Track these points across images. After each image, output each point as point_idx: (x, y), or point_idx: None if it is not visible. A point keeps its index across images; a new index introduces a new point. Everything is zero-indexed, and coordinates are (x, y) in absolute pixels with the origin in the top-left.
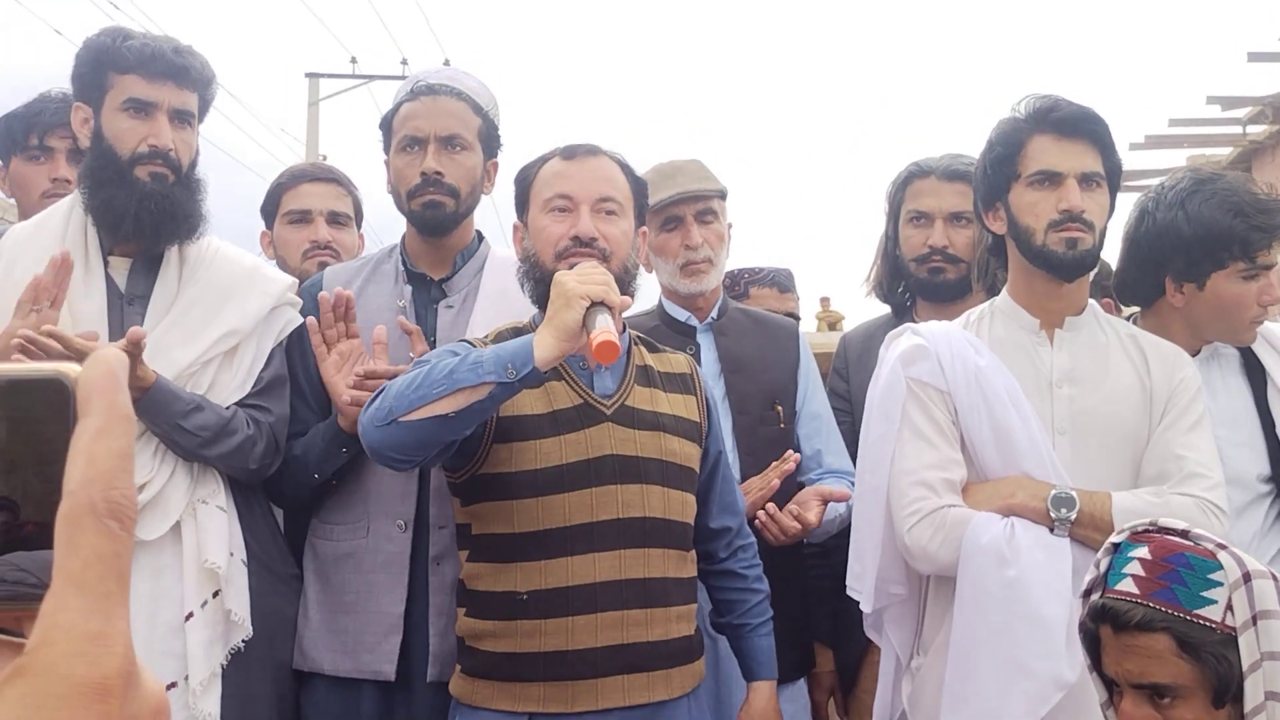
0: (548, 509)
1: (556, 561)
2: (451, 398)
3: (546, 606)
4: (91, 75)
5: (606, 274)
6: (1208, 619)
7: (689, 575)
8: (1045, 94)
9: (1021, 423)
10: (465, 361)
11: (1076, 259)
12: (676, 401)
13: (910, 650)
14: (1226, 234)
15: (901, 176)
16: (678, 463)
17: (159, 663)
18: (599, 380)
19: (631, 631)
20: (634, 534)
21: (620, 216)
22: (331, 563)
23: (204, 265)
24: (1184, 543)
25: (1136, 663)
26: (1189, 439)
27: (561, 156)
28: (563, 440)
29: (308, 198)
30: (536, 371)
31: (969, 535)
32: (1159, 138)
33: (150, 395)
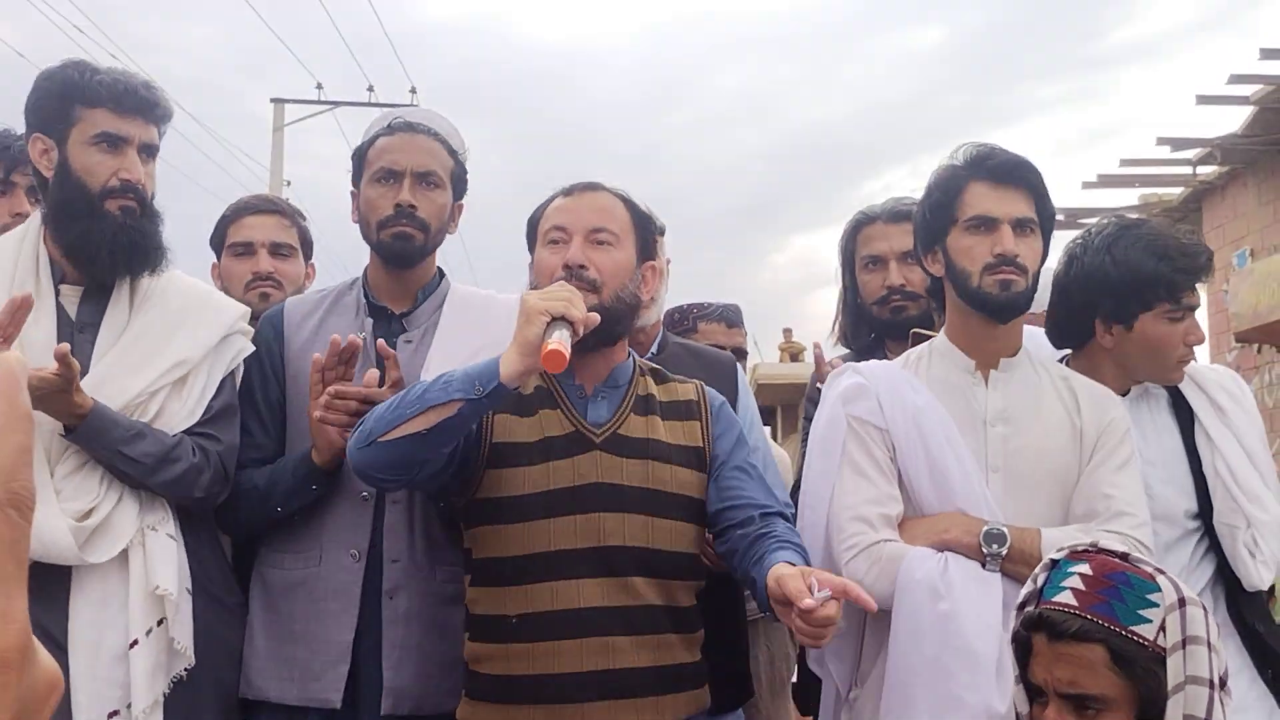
0: (534, 534)
1: (542, 586)
2: (423, 416)
3: (534, 630)
4: (57, 107)
5: (572, 293)
6: (1142, 636)
7: (683, 605)
8: (982, 143)
9: (956, 460)
10: (438, 381)
11: (1010, 300)
12: (676, 429)
13: (849, 682)
14: (1152, 276)
15: (850, 227)
16: (669, 490)
17: (102, 690)
18: (593, 409)
19: (618, 657)
20: (616, 562)
21: (615, 247)
22: (281, 591)
23: (155, 294)
24: (1124, 563)
25: (1068, 671)
26: (1116, 478)
27: (562, 194)
28: (550, 467)
29: (251, 229)
30: (502, 388)
31: (904, 569)
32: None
33: (88, 422)
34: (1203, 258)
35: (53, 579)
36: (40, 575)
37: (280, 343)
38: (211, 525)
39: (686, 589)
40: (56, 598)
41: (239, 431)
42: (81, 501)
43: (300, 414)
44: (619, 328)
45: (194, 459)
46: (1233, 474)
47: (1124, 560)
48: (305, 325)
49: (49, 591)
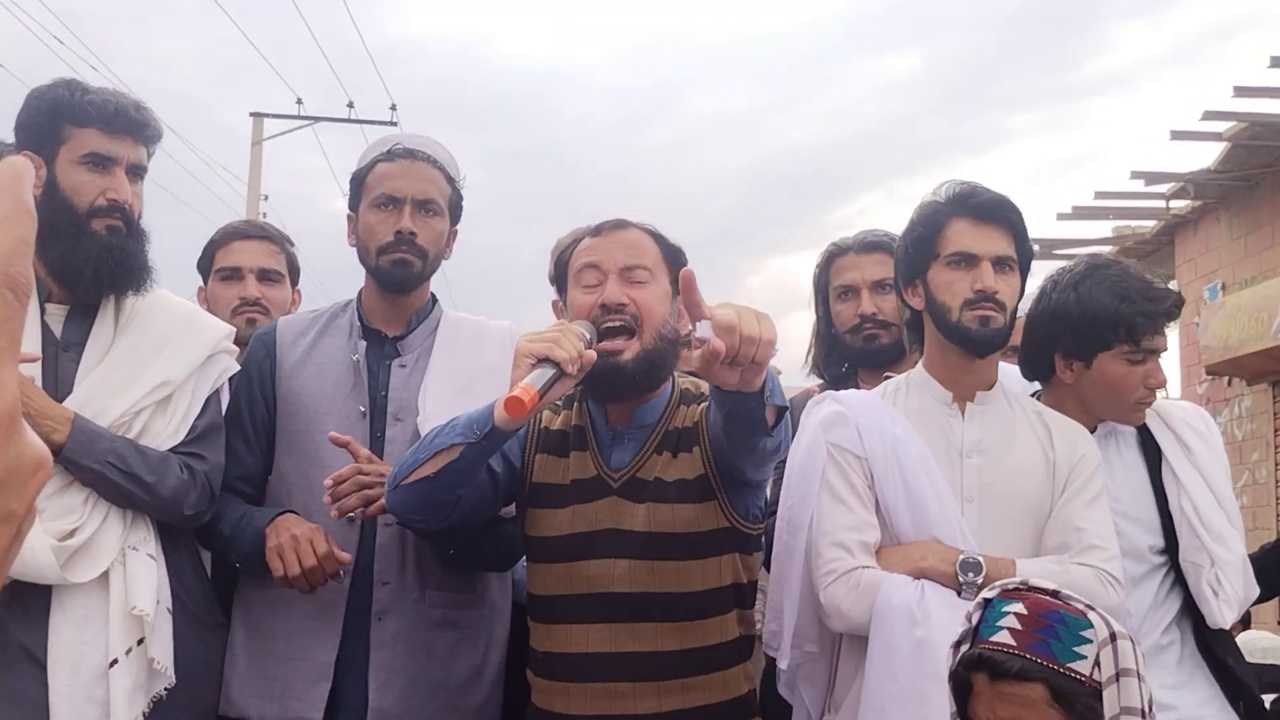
0: (555, 576)
1: (559, 627)
2: (432, 461)
3: (552, 668)
4: (46, 125)
5: (561, 331)
6: (1078, 672)
7: (702, 645)
8: (964, 180)
9: (933, 490)
10: (447, 426)
11: (988, 336)
12: (682, 461)
13: (821, 708)
14: (1113, 317)
15: (823, 258)
16: (675, 531)
17: (81, 709)
18: (618, 451)
19: (619, 703)
20: (622, 608)
21: (651, 284)
22: (262, 609)
23: (140, 313)
24: (1057, 602)
25: (1010, 710)
26: (1088, 512)
27: (590, 234)
28: (574, 511)
29: (239, 255)
30: (498, 430)
31: (881, 596)
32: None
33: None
34: (1167, 303)
35: (33, 597)
36: (21, 593)
37: (271, 362)
38: (193, 544)
39: (713, 626)
40: (37, 616)
41: (224, 451)
42: (65, 521)
43: (289, 434)
44: (663, 371)
45: (182, 476)
46: (1198, 513)
47: (1055, 598)
48: (298, 345)
49: (29, 609)
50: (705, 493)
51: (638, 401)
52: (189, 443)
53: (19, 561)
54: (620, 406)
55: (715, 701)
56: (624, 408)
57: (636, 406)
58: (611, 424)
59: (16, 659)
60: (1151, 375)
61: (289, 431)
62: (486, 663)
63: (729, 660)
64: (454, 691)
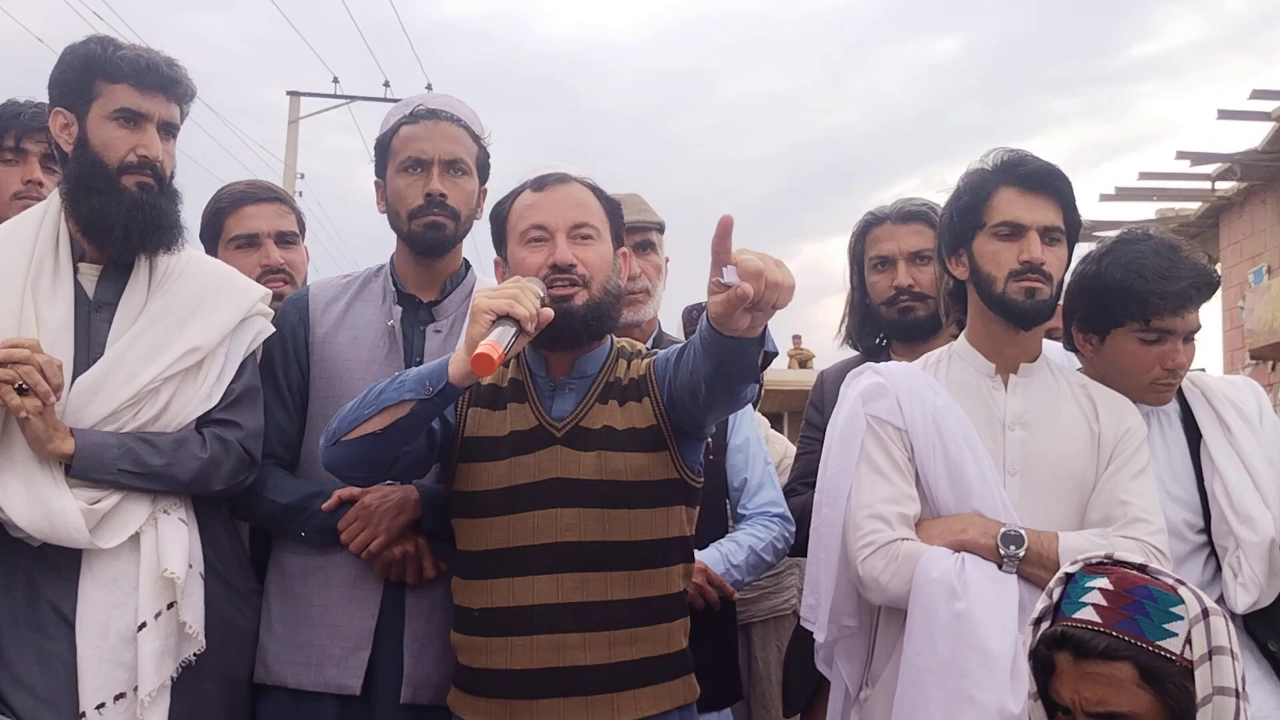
0: (494, 530)
1: (500, 582)
2: (379, 416)
3: (492, 625)
4: (78, 81)
5: (519, 288)
6: (1169, 651)
7: (649, 595)
8: (1012, 148)
9: (974, 462)
10: (394, 381)
11: (1034, 308)
12: (632, 411)
13: (859, 682)
14: (1124, 293)
15: (859, 228)
16: (624, 479)
17: (109, 671)
18: (559, 401)
19: (567, 655)
20: (570, 558)
21: (596, 240)
22: (298, 576)
23: (174, 275)
24: (1145, 576)
25: (1096, 691)
26: (1133, 485)
27: (532, 188)
28: (514, 463)
29: (252, 220)
30: (451, 387)
31: (920, 568)
32: (1129, 190)
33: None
34: (1184, 283)
35: (65, 559)
36: (52, 555)
37: (305, 327)
38: (225, 509)
39: (660, 577)
40: (68, 577)
41: (262, 414)
42: (93, 490)
43: (323, 399)
44: (608, 321)
45: (205, 454)
46: (1228, 494)
47: (1143, 573)
48: (331, 310)
49: (61, 571)
50: (657, 442)
51: (579, 351)
52: (224, 409)
53: (49, 525)
54: (561, 357)
55: (660, 654)
56: (565, 358)
57: (578, 357)
58: (551, 374)
59: (48, 620)
60: (1168, 356)
61: (323, 397)
62: None
63: (673, 613)
64: None
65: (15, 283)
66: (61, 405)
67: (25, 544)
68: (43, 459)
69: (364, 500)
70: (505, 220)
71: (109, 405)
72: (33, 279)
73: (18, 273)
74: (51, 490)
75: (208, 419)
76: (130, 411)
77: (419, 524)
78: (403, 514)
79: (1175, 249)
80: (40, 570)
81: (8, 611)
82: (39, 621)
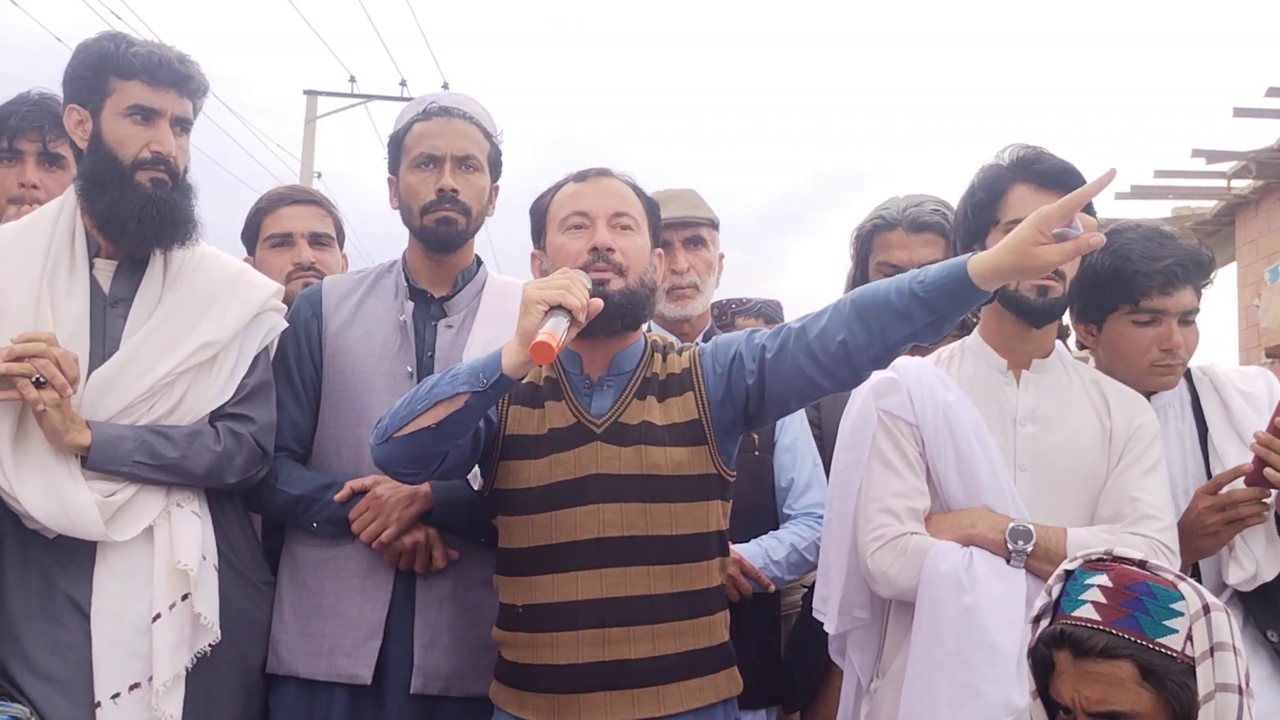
0: (536, 527)
1: (544, 578)
2: (433, 410)
3: (536, 621)
4: (92, 78)
5: (570, 279)
6: (1169, 648)
7: (691, 589)
8: (1029, 144)
9: (985, 457)
10: (446, 375)
11: (1046, 306)
12: (672, 406)
13: (871, 673)
14: (1113, 277)
15: (867, 228)
16: (664, 474)
17: (124, 661)
18: (597, 398)
19: (612, 649)
20: (613, 553)
21: (635, 232)
22: (311, 567)
23: (188, 271)
24: (1144, 573)
25: (1096, 690)
26: (1144, 482)
27: (575, 180)
28: (553, 460)
29: (288, 220)
30: (505, 379)
31: (929, 562)
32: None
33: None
34: (1168, 261)
35: (80, 550)
36: (67, 546)
37: (318, 322)
38: (239, 502)
39: (698, 571)
40: (83, 568)
41: (275, 409)
42: (109, 483)
43: (335, 393)
44: (642, 312)
45: (219, 447)
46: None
47: (1143, 569)
48: (344, 305)
49: (77, 562)
50: (697, 437)
51: (614, 348)
52: (237, 403)
53: (64, 517)
54: (598, 354)
55: (703, 646)
56: (602, 355)
57: (615, 353)
58: (587, 372)
59: (63, 611)
60: (1164, 338)
61: (336, 391)
62: None
63: (714, 606)
64: None
65: (32, 278)
66: (77, 399)
67: (41, 535)
68: (59, 451)
69: (375, 491)
70: (546, 211)
71: (124, 399)
72: (49, 274)
73: (34, 268)
74: (68, 483)
75: (221, 413)
76: (145, 405)
77: (429, 515)
78: (413, 505)
79: (1162, 233)
80: (56, 561)
81: (23, 602)
82: (54, 612)
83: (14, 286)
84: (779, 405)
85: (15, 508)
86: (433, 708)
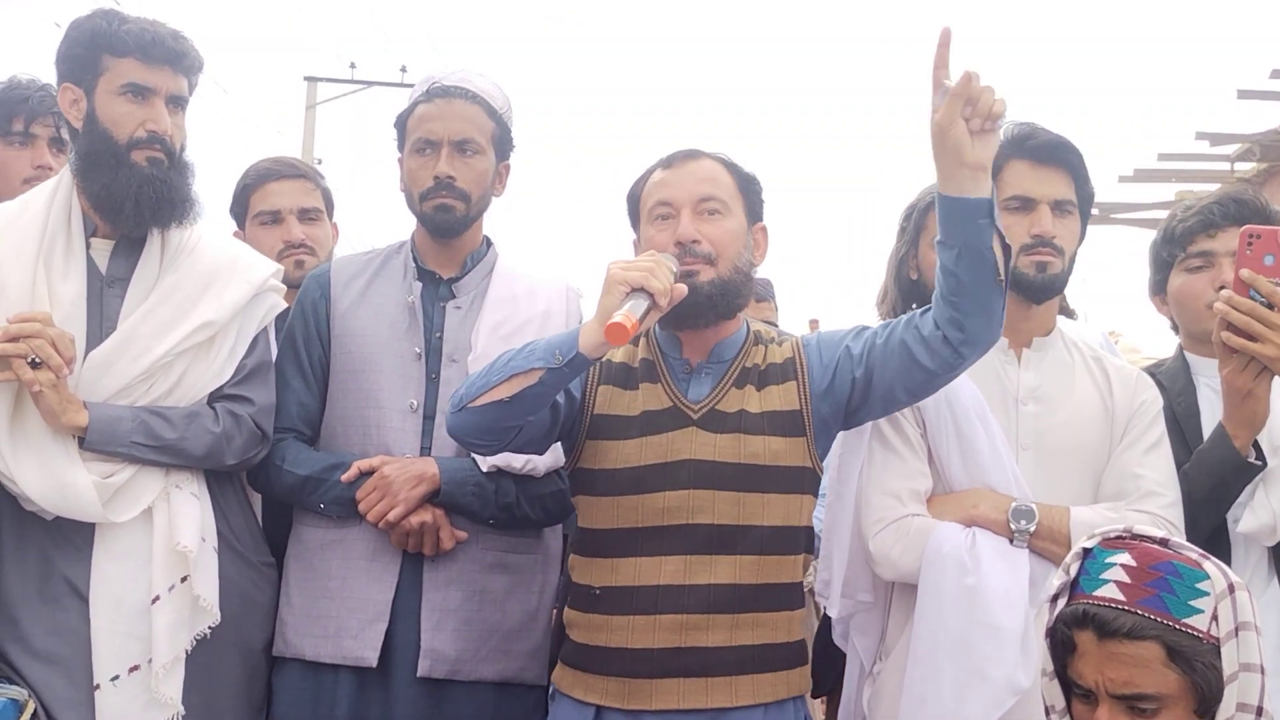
0: (623, 509)
1: (626, 561)
2: (508, 383)
3: (615, 603)
4: (85, 57)
5: (655, 262)
6: (1195, 628)
7: (775, 581)
8: (1023, 121)
9: (987, 437)
10: (524, 349)
11: (1045, 282)
12: (772, 395)
13: (874, 656)
14: (1164, 237)
15: (924, 203)
16: (762, 464)
17: (123, 644)
18: (695, 384)
19: (690, 636)
20: (701, 540)
21: (725, 215)
22: (317, 549)
23: (186, 251)
24: (1168, 551)
25: (1122, 671)
26: (1147, 459)
27: (662, 166)
28: (645, 442)
29: (276, 197)
30: (581, 357)
31: (931, 543)
32: (1147, 171)
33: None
34: (1208, 204)
35: (78, 532)
36: (66, 528)
37: (327, 303)
38: (239, 483)
39: (786, 564)
40: (81, 550)
41: (274, 390)
42: (107, 464)
43: (343, 374)
44: (738, 300)
45: (217, 428)
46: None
47: (1165, 547)
48: (352, 286)
49: (75, 544)
50: (795, 428)
51: (715, 335)
52: (236, 384)
53: (62, 499)
54: (697, 340)
55: (780, 641)
56: (702, 341)
57: (715, 341)
58: (686, 357)
59: (61, 593)
60: (1217, 279)
61: (344, 372)
62: (539, 607)
63: (795, 602)
64: (507, 635)
65: (28, 258)
66: (74, 380)
67: (39, 517)
68: (56, 432)
69: (383, 471)
70: (639, 200)
71: (122, 380)
72: (45, 255)
73: (30, 248)
74: (65, 464)
75: (220, 394)
76: (143, 386)
77: (437, 497)
78: (421, 485)
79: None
80: (54, 543)
81: (21, 585)
82: (53, 594)
83: (10, 267)
84: (885, 396)
85: (12, 489)
86: (439, 691)
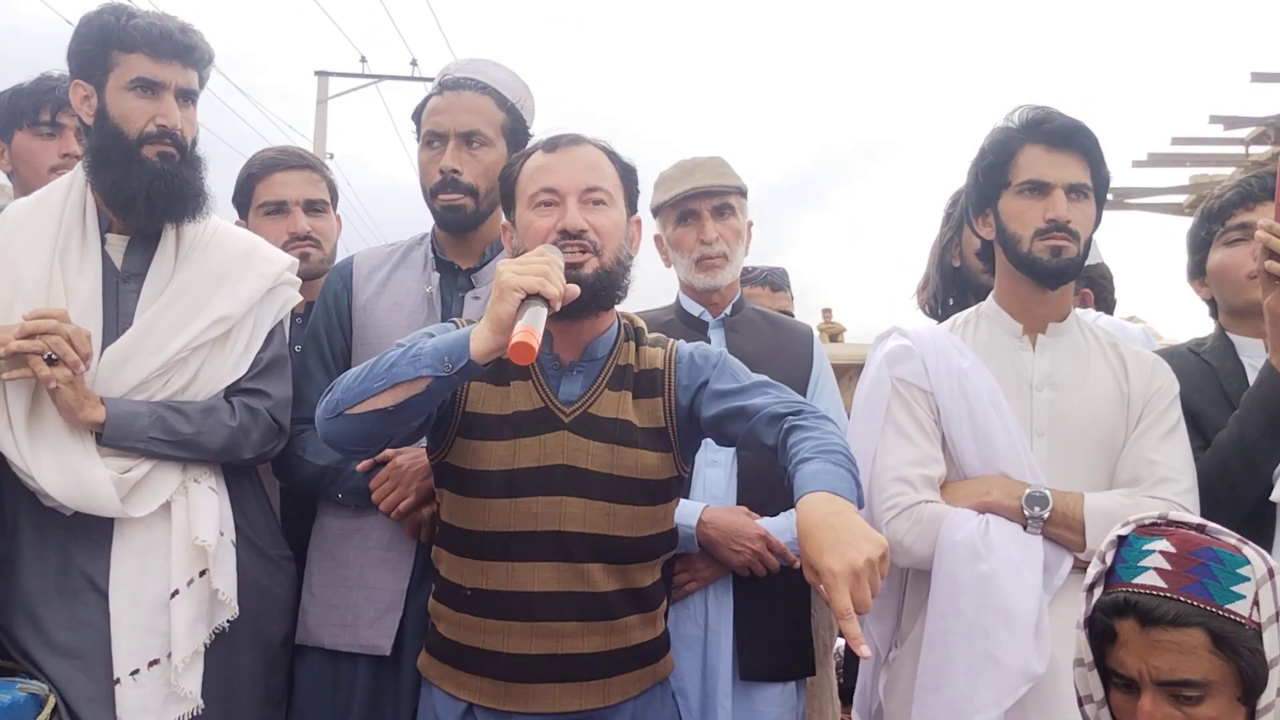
0: (494, 512)
1: (499, 565)
2: (390, 391)
3: (486, 606)
4: (95, 52)
5: (549, 265)
6: (1238, 614)
7: (644, 586)
8: (1038, 105)
9: (1001, 424)
10: (407, 354)
11: (1060, 267)
12: (644, 408)
13: (889, 643)
14: (1203, 215)
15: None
16: (632, 476)
17: (143, 638)
18: (567, 383)
19: (566, 643)
20: (573, 548)
21: (609, 206)
22: (337, 539)
23: (201, 245)
24: (1206, 537)
25: (1167, 659)
26: (1162, 445)
27: (544, 149)
28: (517, 445)
29: (281, 188)
30: (474, 365)
31: (945, 530)
32: (1161, 155)
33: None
34: (1243, 179)
35: (97, 527)
36: (85, 523)
37: (348, 295)
38: (256, 478)
39: (646, 569)
40: (101, 545)
41: (290, 383)
42: (125, 459)
43: None
44: (617, 291)
45: (234, 422)
46: None
47: (1203, 533)
48: (373, 278)
49: (94, 539)
50: (663, 444)
51: (589, 331)
52: (252, 378)
53: (80, 494)
54: (570, 334)
55: (649, 639)
56: (575, 336)
57: (589, 337)
58: (557, 353)
59: (80, 588)
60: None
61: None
62: None
63: (657, 601)
64: None
65: (44, 254)
66: (91, 375)
67: (57, 513)
68: (74, 428)
69: (396, 460)
70: (515, 183)
71: (138, 375)
72: (61, 250)
73: (46, 244)
74: (83, 459)
75: (236, 388)
76: (160, 381)
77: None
78: (431, 476)
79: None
80: (72, 539)
81: (41, 580)
82: (72, 589)
83: (26, 263)
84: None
85: (31, 485)
86: None
